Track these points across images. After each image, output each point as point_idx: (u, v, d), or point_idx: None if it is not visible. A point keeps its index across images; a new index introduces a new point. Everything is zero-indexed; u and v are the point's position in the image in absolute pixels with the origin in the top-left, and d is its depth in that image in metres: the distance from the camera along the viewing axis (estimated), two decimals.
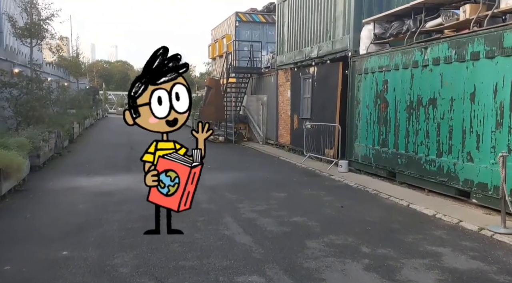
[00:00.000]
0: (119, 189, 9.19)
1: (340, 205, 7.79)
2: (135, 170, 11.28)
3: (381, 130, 10.25)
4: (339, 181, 10.39)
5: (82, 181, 10.10)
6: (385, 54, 10.06)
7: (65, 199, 8.33)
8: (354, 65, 11.55)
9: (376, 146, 10.45)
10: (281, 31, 17.31)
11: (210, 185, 9.63)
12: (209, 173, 11.39)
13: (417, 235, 6.04)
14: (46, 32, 16.38)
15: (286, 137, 16.94)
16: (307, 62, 14.67)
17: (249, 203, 7.94)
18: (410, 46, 9.26)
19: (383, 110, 10.20)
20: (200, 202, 7.99)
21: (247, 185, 9.85)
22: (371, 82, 10.66)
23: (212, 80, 20.97)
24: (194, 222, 6.61)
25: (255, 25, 23.93)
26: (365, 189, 9.32)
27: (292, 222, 6.65)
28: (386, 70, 10.01)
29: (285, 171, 12.21)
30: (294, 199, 8.39)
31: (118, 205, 7.78)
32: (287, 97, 16.76)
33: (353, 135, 11.58)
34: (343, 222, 6.72)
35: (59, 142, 14.73)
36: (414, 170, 9.05)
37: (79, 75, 33.92)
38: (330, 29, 12.99)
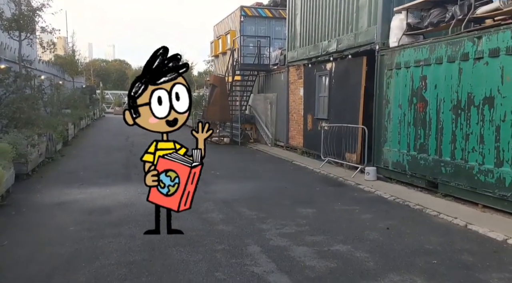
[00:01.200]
0: (118, 204, 7.85)
1: (385, 226, 6.45)
2: (136, 178, 9.96)
3: (418, 133, 8.92)
4: (370, 191, 9.06)
5: (75, 193, 8.75)
6: (424, 46, 8.73)
7: (53, 218, 6.98)
8: (382, 60, 10.21)
9: (412, 151, 9.13)
10: (292, 24, 15.95)
11: (223, 198, 8.31)
12: (219, 181, 10.09)
13: (500, 272, 4.72)
14: (36, 24, 14.92)
15: (298, 139, 15.61)
16: (324, 57, 13.33)
17: (273, 223, 6.61)
18: (457, 35, 7.92)
19: (420, 110, 8.87)
20: (216, 222, 6.66)
21: (266, 197, 8.52)
22: (405, 78, 9.33)
23: (216, 78, 19.59)
24: (212, 253, 5.29)
25: (261, 20, 22.52)
26: (404, 202, 7.99)
27: (335, 253, 5.32)
28: (425, 64, 8.68)
29: (304, 178, 10.88)
30: (326, 217, 7.05)
31: (116, 227, 6.43)
32: (300, 96, 15.43)
33: (382, 139, 10.25)
34: (398, 252, 5.39)
35: (51, 146, 13.36)
36: (463, 180, 7.73)
37: (75, 73, 32.44)
38: (352, 20, 11.65)
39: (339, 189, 9.45)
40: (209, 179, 10.26)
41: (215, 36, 27.93)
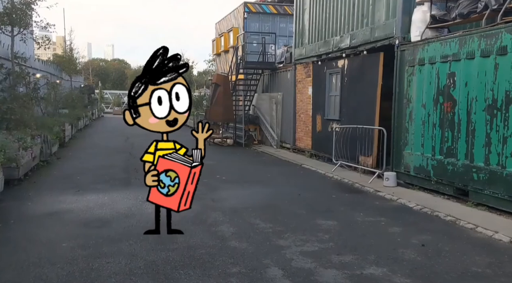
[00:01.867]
0: (117, 215, 7.09)
1: (419, 243, 5.69)
2: (136, 183, 9.21)
3: (446, 135, 8.17)
4: (392, 199, 8.31)
5: (70, 201, 7.99)
6: (452, 40, 7.97)
7: (44, 232, 6.20)
8: (402, 56, 9.45)
9: (438, 155, 8.37)
10: (300, 20, 15.17)
11: (232, 207, 7.55)
12: (226, 187, 9.35)
13: None
14: (30, 19, 14.08)
15: (306, 141, 14.84)
16: (335, 54, 12.56)
17: (293, 238, 5.85)
18: (493, 27, 7.16)
19: (448, 110, 8.11)
20: (227, 237, 5.90)
21: (279, 206, 7.76)
22: (430, 75, 8.57)
23: (220, 77, 18.80)
24: (227, 277, 4.52)
25: (265, 17, 21.70)
26: (433, 213, 7.23)
27: (370, 278, 4.55)
28: (454, 59, 7.91)
29: (316, 184, 10.12)
30: (351, 232, 6.29)
31: (115, 243, 5.67)
32: (308, 95, 14.66)
33: (402, 141, 9.49)
34: (442, 276, 4.63)
35: (46, 148, 12.58)
36: (499, 188, 6.97)
37: (73, 72, 31.64)
38: (368, 13, 10.88)
39: (358, 197, 8.69)
40: (215, 184, 9.51)
41: (217, 34, 27.14)
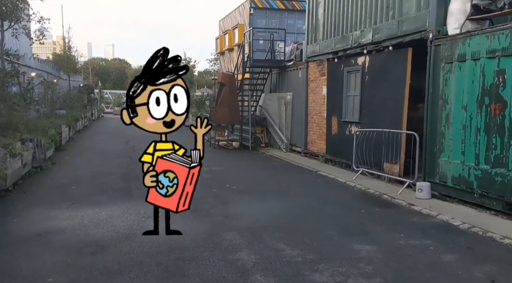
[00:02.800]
0: (116, 236, 6.02)
1: (486, 278, 4.64)
2: (138, 195, 8.18)
3: (493, 142, 7.11)
4: (430, 215, 7.25)
5: (62, 218, 6.93)
6: (502, 32, 6.91)
7: (29, 261, 5.12)
8: (437, 51, 8.40)
9: (483, 164, 7.31)
10: (313, 14, 14.11)
11: (249, 226, 6.50)
12: (238, 199, 8.33)
13: None
14: (22, 12, 13.03)
15: (320, 144, 13.79)
16: (355, 50, 11.50)
17: (330, 271, 4.78)
18: None
19: (496, 113, 7.06)
20: (248, 269, 4.84)
21: (303, 225, 6.70)
22: (472, 73, 7.52)
23: (225, 76, 17.73)
24: None
25: (272, 13, 20.66)
26: (486, 234, 6.17)
27: None
28: (504, 55, 6.86)
29: (339, 195, 9.07)
30: (398, 261, 5.22)
31: (113, 277, 4.61)
32: (322, 95, 13.61)
33: (436, 148, 8.44)
34: None
35: (40, 153, 11.53)
36: None
37: (72, 71, 30.58)
38: (394, 4, 9.81)
39: (390, 212, 7.63)
40: (226, 196, 8.49)
41: (221, 31, 26.09)
